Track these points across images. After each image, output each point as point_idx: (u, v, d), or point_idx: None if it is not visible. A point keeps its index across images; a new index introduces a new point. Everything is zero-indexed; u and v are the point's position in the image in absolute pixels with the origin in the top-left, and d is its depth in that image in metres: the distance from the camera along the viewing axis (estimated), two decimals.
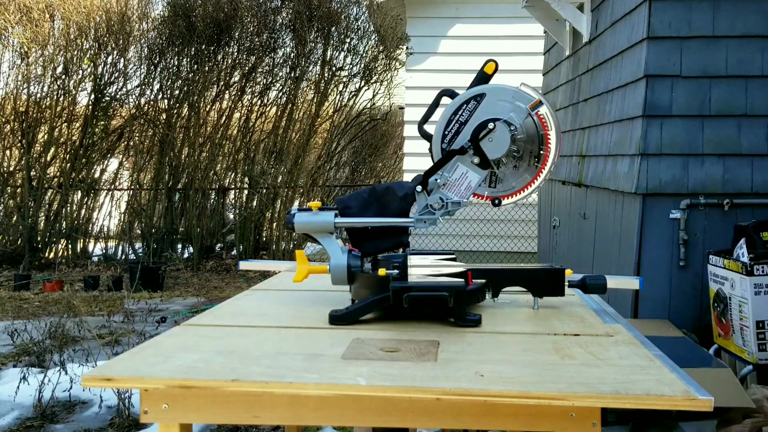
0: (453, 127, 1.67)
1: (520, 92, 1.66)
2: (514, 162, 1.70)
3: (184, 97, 9.62)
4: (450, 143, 1.67)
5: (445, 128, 1.67)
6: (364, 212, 1.72)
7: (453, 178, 1.68)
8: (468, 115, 1.66)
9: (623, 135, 4.07)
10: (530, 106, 1.64)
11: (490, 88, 1.67)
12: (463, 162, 1.68)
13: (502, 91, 1.66)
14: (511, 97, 1.66)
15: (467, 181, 1.69)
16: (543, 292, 1.75)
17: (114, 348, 4.78)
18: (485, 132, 1.64)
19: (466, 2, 8.91)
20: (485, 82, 1.68)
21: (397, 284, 1.55)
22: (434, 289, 1.53)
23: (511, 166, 1.71)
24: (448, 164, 1.68)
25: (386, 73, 9.89)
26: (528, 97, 1.65)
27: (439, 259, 1.94)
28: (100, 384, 1.22)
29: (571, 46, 5.78)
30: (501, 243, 8.60)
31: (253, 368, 1.26)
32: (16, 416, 3.76)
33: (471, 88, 1.68)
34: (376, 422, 1.23)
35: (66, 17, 9.16)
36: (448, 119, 1.67)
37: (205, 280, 8.46)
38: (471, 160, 1.67)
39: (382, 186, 1.75)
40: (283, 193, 9.69)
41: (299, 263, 1.74)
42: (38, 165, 9.32)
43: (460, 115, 1.67)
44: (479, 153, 1.65)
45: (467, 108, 1.66)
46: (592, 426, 1.16)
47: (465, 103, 1.66)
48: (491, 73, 1.69)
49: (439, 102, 1.79)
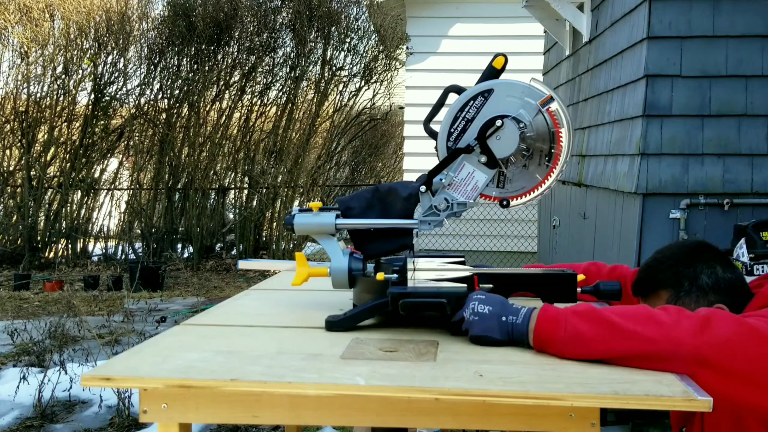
0: (459, 124, 1.59)
1: (531, 88, 1.57)
2: (524, 161, 1.61)
3: (184, 96, 9.62)
4: (456, 141, 1.59)
5: (451, 126, 1.59)
6: (367, 213, 1.65)
7: (459, 178, 1.61)
8: (475, 111, 1.58)
9: (623, 135, 4.07)
10: (541, 102, 1.55)
11: (498, 84, 1.58)
12: (470, 161, 1.60)
13: (511, 86, 1.58)
14: (520, 93, 1.57)
15: (474, 181, 1.61)
16: (554, 299, 1.63)
17: (114, 348, 4.78)
18: (493, 129, 1.56)
19: (466, 2, 8.91)
20: (494, 78, 1.59)
21: (395, 290, 1.47)
22: (433, 296, 1.45)
23: (520, 165, 1.61)
24: (453, 163, 1.60)
25: (386, 72, 9.90)
26: (538, 93, 1.56)
27: (447, 262, 1.90)
28: (99, 384, 1.22)
29: (571, 45, 5.78)
30: (501, 243, 8.59)
31: (253, 368, 1.26)
32: (16, 416, 3.76)
33: (479, 83, 1.59)
34: (375, 422, 1.23)
35: (66, 17, 9.17)
36: (454, 116, 1.59)
37: (205, 280, 8.46)
38: (478, 159, 1.59)
39: (385, 186, 1.68)
40: (283, 193, 9.69)
41: (299, 266, 1.69)
42: (38, 165, 9.32)
43: (467, 112, 1.58)
44: (486, 152, 1.57)
45: (474, 104, 1.58)
46: (591, 426, 1.16)
47: (472, 100, 1.58)
48: (500, 68, 1.59)
49: (445, 99, 1.69)
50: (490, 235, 8.63)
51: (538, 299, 1.68)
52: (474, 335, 1.39)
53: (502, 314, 1.38)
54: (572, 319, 1.30)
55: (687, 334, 1.23)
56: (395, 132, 12.44)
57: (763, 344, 1.24)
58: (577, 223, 5.14)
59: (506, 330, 1.37)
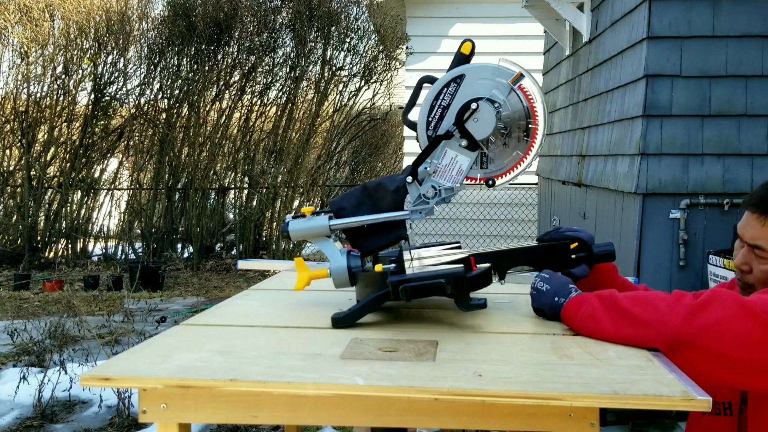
0: (436, 112, 1.63)
1: (500, 68, 1.61)
2: (503, 140, 1.66)
3: (183, 96, 9.62)
4: (435, 129, 1.63)
5: (428, 115, 1.63)
6: (359, 211, 1.68)
7: (443, 165, 1.65)
8: (450, 98, 1.62)
9: (623, 135, 4.07)
10: (511, 81, 1.59)
11: (468, 68, 1.61)
12: (451, 147, 1.64)
13: (481, 69, 1.61)
14: (491, 74, 1.61)
15: (458, 165, 1.65)
16: (551, 267, 1.69)
17: (114, 348, 4.78)
18: (469, 113, 1.60)
19: (466, 2, 8.91)
20: (464, 63, 1.63)
21: (395, 278, 1.51)
22: (431, 278, 1.49)
23: (500, 144, 1.66)
24: (436, 151, 1.64)
25: (386, 72, 9.89)
26: (508, 72, 1.60)
27: (443, 249, 1.93)
28: (98, 384, 1.22)
29: (571, 45, 5.78)
30: (501, 243, 8.60)
31: (252, 368, 1.26)
32: (16, 416, 3.76)
33: (449, 70, 1.63)
34: (374, 422, 1.23)
35: (66, 17, 9.17)
36: (431, 105, 1.63)
37: (204, 280, 8.46)
38: (459, 143, 1.63)
39: (373, 182, 1.71)
40: (283, 193, 9.69)
41: (299, 270, 1.70)
42: (38, 164, 9.32)
43: (442, 99, 1.62)
44: (466, 135, 1.61)
45: (448, 91, 1.62)
46: (590, 426, 1.16)
47: (445, 87, 1.62)
48: (468, 54, 1.63)
49: (420, 89, 1.74)
50: (490, 235, 8.63)
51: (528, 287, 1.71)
52: (534, 306, 1.60)
53: (556, 295, 1.53)
54: (594, 301, 1.44)
55: (677, 319, 1.30)
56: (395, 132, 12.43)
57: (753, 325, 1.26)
58: (577, 223, 5.14)
59: (555, 309, 1.53)
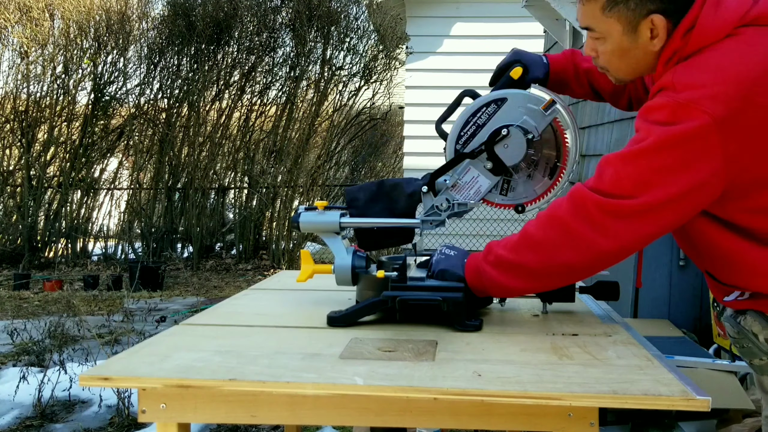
0: (470, 128, 1.64)
1: (533, 96, 1.63)
2: (529, 171, 1.67)
3: (183, 96, 9.62)
4: (465, 145, 1.64)
5: (462, 129, 1.64)
6: (371, 205, 1.69)
7: (463, 181, 1.66)
8: (486, 118, 1.62)
9: (623, 134, 4.07)
10: (543, 107, 1.61)
11: (512, 94, 1.63)
12: (475, 166, 1.65)
13: (522, 97, 1.63)
14: (526, 102, 1.62)
15: (477, 185, 1.66)
16: (552, 298, 1.68)
17: (114, 347, 4.78)
18: (500, 138, 1.61)
19: (466, 2, 8.91)
20: (509, 87, 1.64)
21: (390, 293, 1.53)
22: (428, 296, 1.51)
23: (525, 174, 1.67)
24: (459, 166, 1.65)
25: (386, 72, 9.88)
26: (541, 99, 1.62)
27: None
28: (97, 383, 1.22)
29: (571, 45, 5.78)
30: None
31: (251, 368, 1.26)
32: (16, 415, 3.76)
33: (494, 91, 1.64)
34: (374, 422, 1.23)
35: (66, 16, 9.16)
36: (466, 120, 1.64)
37: (204, 280, 8.45)
38: (483, 165, 1.64)
39: (391, 180, 1.72)
40: (282, 193, 9.68)
41: (303, 263, 1.73)
42: (38, 164, 9.31)
43: (479, 117, 1.63)
44: (493, 158, 1.62)
45: (486, 111, 1.62)
46: (590, 426, 1.16)
47: (485, 106, 1.63)
48: (516, 79, 1.64)
49: (460, 102, 1.75)
50: (490, 236, 8.63)
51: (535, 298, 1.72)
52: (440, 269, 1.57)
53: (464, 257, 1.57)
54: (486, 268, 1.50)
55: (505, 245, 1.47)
56: (395, 132, 12.43)
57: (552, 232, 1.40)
58: None
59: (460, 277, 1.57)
